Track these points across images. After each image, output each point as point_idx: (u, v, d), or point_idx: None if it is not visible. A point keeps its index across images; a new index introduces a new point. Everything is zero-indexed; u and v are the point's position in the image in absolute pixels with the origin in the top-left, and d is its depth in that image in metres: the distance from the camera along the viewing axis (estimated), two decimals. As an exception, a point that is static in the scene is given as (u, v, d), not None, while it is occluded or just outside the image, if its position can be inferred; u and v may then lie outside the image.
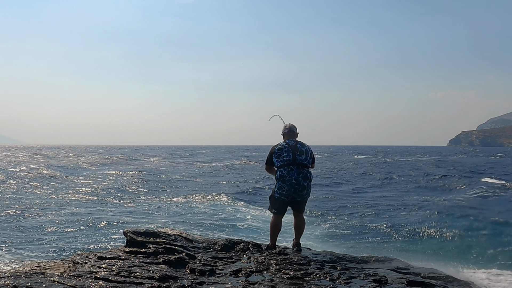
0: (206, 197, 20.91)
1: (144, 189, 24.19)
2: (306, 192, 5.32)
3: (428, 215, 16.18)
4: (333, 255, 5.39)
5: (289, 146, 5.35)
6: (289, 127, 5.61)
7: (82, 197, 20.45)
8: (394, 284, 4.02)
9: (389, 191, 24.12)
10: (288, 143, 5.41)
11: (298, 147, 5.35)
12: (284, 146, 5.37)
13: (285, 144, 5.41)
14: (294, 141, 5.46)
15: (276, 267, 4.47)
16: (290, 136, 5.56)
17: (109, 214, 15.63)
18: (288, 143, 5.41)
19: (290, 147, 5.33)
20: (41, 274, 3.84)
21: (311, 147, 5.50)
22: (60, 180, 28.92)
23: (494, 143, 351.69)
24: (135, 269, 4.12)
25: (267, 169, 5.61)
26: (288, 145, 5.37)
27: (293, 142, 5.41)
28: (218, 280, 4.06)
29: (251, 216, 15.70)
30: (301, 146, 5.38)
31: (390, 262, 5.24)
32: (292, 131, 5.59)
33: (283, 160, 5.30)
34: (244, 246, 5.42)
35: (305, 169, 5.30)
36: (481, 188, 23.13)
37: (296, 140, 5.50)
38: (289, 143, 5.41)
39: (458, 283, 4.40)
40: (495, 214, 15.88)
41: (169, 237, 5.30)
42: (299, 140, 5.50)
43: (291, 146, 5.35)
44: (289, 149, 5.32)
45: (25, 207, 16.82)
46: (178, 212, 16.50)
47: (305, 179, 5.26)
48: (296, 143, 5.41)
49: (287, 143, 5.42)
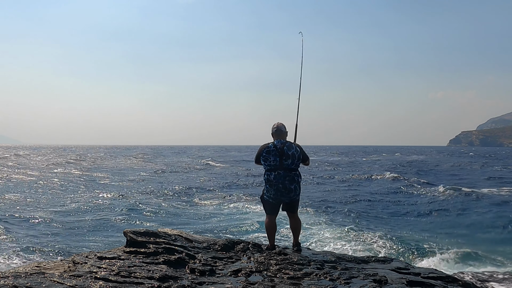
0: (206, 197, 20.93)
1: (147, 189, 24.21)
2: (294, 194, 5.31)
3: (428, 215, 16.20)
4: (333, 255, 5.38)
5: (276, 150, 5.25)
6: (277, 127, 5.45)
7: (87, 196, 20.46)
8: (394, 284, 4.02)
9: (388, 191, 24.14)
10: (276, 145, 5.30)
11: (285, 150, 5.24)
12: (271, 150, 5.27)
13: (272, 146, 5.30)
14: (282, 142, 5.32)
15: (276, 267, 4.47)
16: (278, 136, 5.40)
17: (109, 214, 15.63)
18: (276, 145, 5.30)
19: (278, 151, 5.24)
20: (41, 274, 3.84)
21: (300, 147, 5.37)
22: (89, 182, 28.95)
23: (494, 143, 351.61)
24: (135, 269, 4.12)
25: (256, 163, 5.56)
26: (275, 147, 5.27)
27: (280, 145, 5.29)
28: (218, 280, 4.06)
29: (251, 216, 15.71)
30: (288, 149, 5.25)
31: (390, 262, 5.23)
32: (280, 130, 5.42)
33: (270, 164, 5.28)
34: (244, 246, 5.41)
35: (292, 172, 5.27)
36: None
37: (284, 141, 5.35)
38: (276, 145, 5.29)
39: (458, 284, 4.39)
40: (494, 214, 15.90)
41: (169, 237, 5.30)
42: (288, 141, 5.37)
43: (278, 150, 5.25)
44: (276, 153, 5.24)
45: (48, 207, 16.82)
46: (179, 212, 16.51)
47: (292, 182, 5.24)
48: (284, 145, 5.28)
49: (274, 145, 5.30)
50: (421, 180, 28.86)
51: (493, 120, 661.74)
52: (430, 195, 21.78)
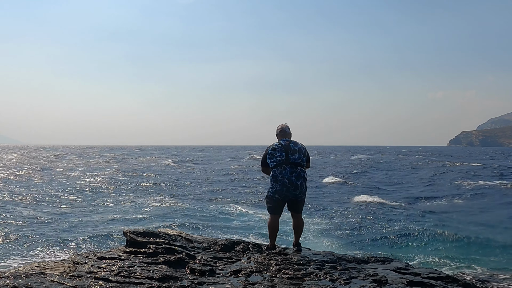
0: (206, 197, 20.92)
1: (146, 189, 24.21)
2: (300, 191, 5.28)
3: (427, 216, 16.19)
4: (333, 255, 5.38)
5: (282, 146, 5.37)
6: (281, 128, 5.62)
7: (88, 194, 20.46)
8: (394, 284, 4.02)
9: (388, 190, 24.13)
10: (281, 143, 5.43)
11: (291, 146, 5.36)
12: (277, 146, 5.40)
13: (278, 144, 5.44)
14: (287, 140, 5.46)
15: (276, 267, 4.47)
16: (283, 136, 5.57)
17: (109, 214, 15.63)
18: (281, 143, 5.44)
19: (283, 147, 5.35)
20: (41, 274, 3.84)
21: (305, 146, 5.47)
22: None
23: (494, 143, 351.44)
24: (135, 269, 4.12)
25: (263, 171, 5.65)
26: (281, 145, 5.40)
27: (286, 142, 5.43)
28: (218, 280, 4.05)
29: (250, 216, 15.71)
30: (294, 145, 5.38)
31: (390, 262, 5.24)
32: (284, 131, 5.59)
33: (276, 160, 5.32)
34: (244, 246, 5.41)
35: (298, 168, 5.29)
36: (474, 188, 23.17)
37: (289, 139, 5.50)
38: (282, 143, 5.43)
39: (458, 284, 4.39)
40: (493, 214, 15.90)
41: (169, 237, 5.30)
42: (293, 140, 5.50)
43: (284, 146, 5.37)
44: (282, 149, 5.34)
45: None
46: (178, 213, 16.50)
47: (298, 178, 5.25)
48: (289, 142, 5.42)
49: (280, 143, 5.45)
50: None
51: (493, 120, 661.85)
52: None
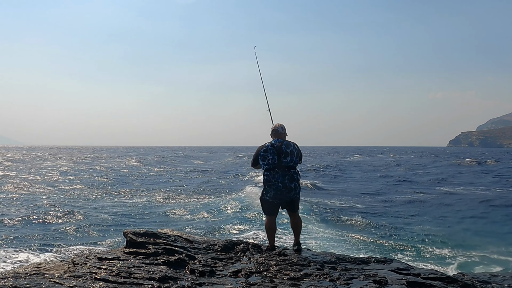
0: (206, 198, 20.91)
1: (145, 189, 24.20)
2: (294, 193, 5.26)
3: (427, 216, 16.18)
4: (333, 255, 5.37)
5: (274, 148, 5.24)
6: (275, 127, 5.47)
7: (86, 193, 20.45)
8: (394, 285, 4.01)
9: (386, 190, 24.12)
10: (274, 144, 5.29)
11: (283, 148, 5.23)
12: (269, 148, 5.26)
13: (270, 145, 5.29)
14: (280, 141, 5.31)
15: (276, 268, 4.47)
16: (276, 136, 5.41)
17: (109, 214, 15.63)
18: (273, 144, 5.29)
19: (275, 149, 5.22)
20: (41, 275, 3.84)
21: (297, 145, 5.38)
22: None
23: (493, 144, 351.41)
24: (135, 269, 4.12)
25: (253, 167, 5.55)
26: (273, 146, 5.26)
27: (278, 143, 5.28)
28: (218, 281, 4.05)
29: (250, 216, 15.70)
30: (286, 147, 5.25)
31: (390, 263, 5.23)
32: (277, 131, 5.43)
33: (269, 163, 5.24)
34: (244, 247, 5.40)
35: (291, 170, 5.24)
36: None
37: (282, 140, 5.35)
38: (274, 144, 5.29)
39: (458, 284, 4.39)
40: (493, 215, 15.89)
41: (169, 238, 5.29)
42: (286, 140, 5.37)
43: (276, 148, 5.23)
44: (274, 151, 5.22)
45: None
46: (179, 212, 16.49)
47: (292, 181, 5.21)
48: (281, 144, 5.27)
49: (272, 144, 5.30)
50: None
51: (492, 121, 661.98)
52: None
